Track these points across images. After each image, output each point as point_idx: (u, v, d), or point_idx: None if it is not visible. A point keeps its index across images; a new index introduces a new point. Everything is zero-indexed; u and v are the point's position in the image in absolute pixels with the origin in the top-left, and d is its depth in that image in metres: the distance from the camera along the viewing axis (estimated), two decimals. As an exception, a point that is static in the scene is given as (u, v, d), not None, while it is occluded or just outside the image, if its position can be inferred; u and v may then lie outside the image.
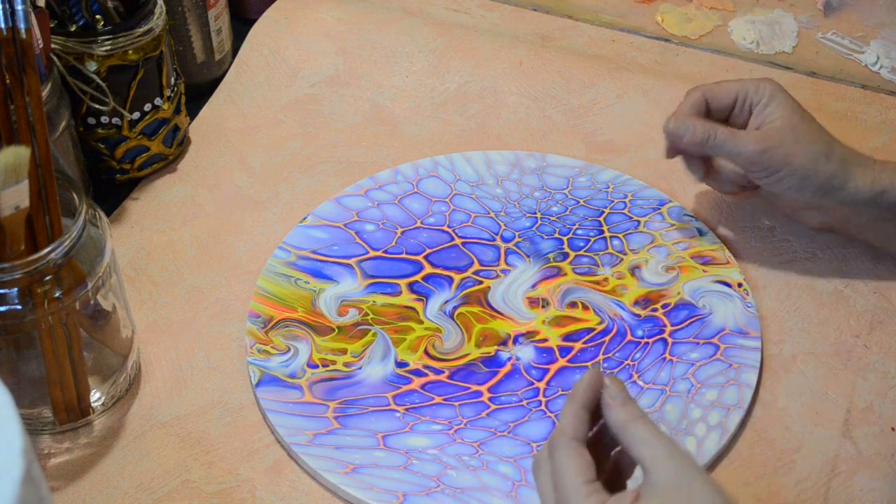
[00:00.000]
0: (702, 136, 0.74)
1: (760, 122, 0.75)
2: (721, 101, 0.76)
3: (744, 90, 0.76)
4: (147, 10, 0.81)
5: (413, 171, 0.86)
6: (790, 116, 0.74)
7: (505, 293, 0.77)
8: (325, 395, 0.71)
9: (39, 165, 0.64)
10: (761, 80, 0.76)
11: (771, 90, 0.75)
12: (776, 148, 0.73)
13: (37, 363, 0.67)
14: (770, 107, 0.75)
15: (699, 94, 0.76)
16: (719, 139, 0.74)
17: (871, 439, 0.69)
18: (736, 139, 0.74)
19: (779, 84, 0.76)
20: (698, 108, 0.76)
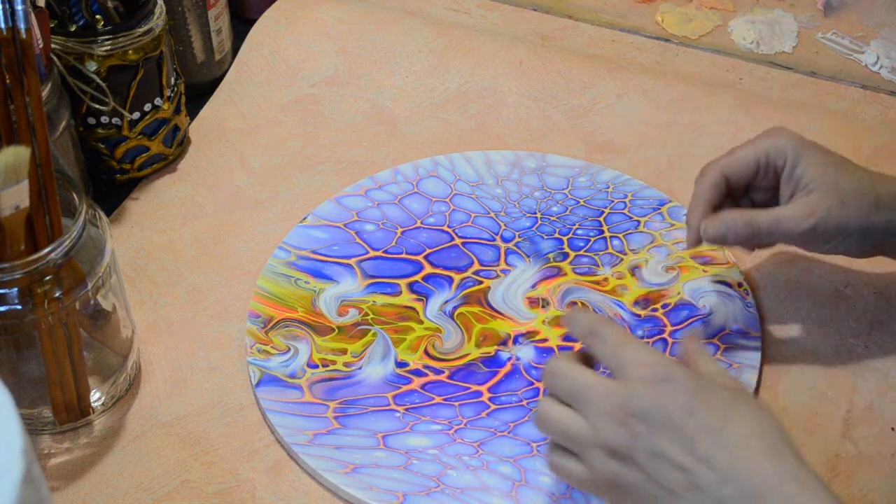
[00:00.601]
0: (745, 233, 0.68)
1: (793, 187, 0.69)
2: (741, 174, 0.70)
3: (763, 155, 0.70)
4: (147, 10, 0.81)
5: (413, 171, 0.86)
6: (825, 174, 0.68)
7: (505, 293, 0.77)
8: (325, 395, 0.71)
9: (39, 165, 0.64)
10: (775, 136, 0.70)
11: (792, 148, 0.69)
12: (825, 219, 0.67)
13: (37, 363, 0.67)
14: (799, 167, 0.69)
15: (717, 173, 0.70)
16: (764, 229, 0.68)
17: (871, 439, 0.69)
18: (782, 223, 0.68)
19: (795, 135, 0.70)
20: (719, 189, 0.70)
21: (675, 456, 0.56)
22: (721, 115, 0.89)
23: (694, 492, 0.55)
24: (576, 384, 0.59)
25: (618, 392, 0.57)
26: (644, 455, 0.56)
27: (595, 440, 0.58)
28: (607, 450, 0.57)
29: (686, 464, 0.55)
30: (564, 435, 0.59)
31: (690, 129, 0.89)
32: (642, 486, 0.57)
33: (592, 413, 0.58)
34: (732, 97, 0.90)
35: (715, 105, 0.89)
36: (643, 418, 0.56)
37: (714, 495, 0.55)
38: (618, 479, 0.58)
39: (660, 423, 0.56)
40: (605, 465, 0.58)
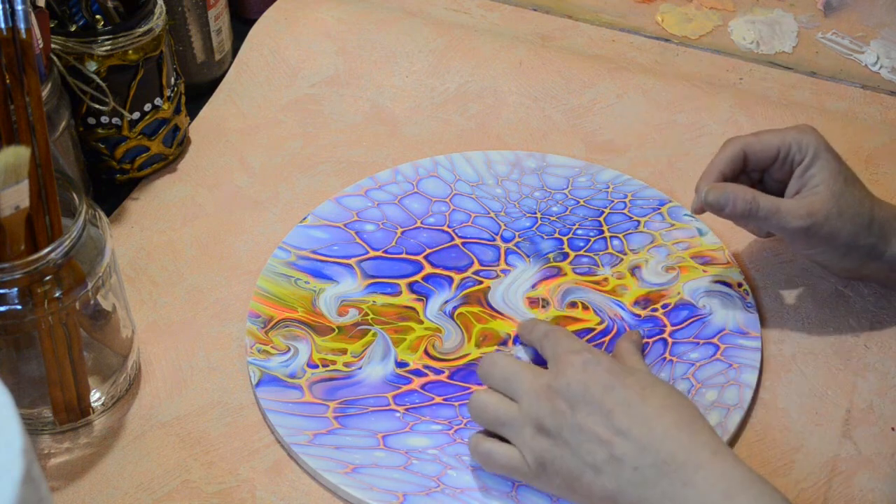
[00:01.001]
0: (743, 210, 0.71)
1: (801, 185, 0.72)
2: (761, 157, 0.73)
3: (786, 146, 0.72)
4: (147, 10, 0.81)
5: (413, 171, 0.86)
6: (833, 183, 0.71)
7: (505, 293, 0.77)
8: (325, 395, 0.71)
9: (39, 165, 0.64)
10: (803, 132, 0.73)
11: (814, 148, 0.72)
12: (821, 224, 0.70)
13: (37, 363, 0.67)
14: (813, 168, 0.71)
15: (738, 149, 0.73)
16: (762, 213, 0.71)
17: (871, 439, 0.69)
18: (779, 214, 0.71)
19: (821, 137, 0.72)
20: (735, 162, 0.73)
21: (595, 429, 0.60)
22: (721, 115, 0.89)
23: (614, 464, 0.59)
24: (508, 371, 0.64)
25: (546, 375, 0.63)
26: (568, 431, 0.61)
27: (525, 419, 0.62)
28: (536, 427, 0.62)
29: (605, 437, 0.60)
30: (497, 419, 0.64)
31: (690, 129, 0.89)
32: (568, 462, 0.61)
33: (523, 395, 0.63)
34: (732, 97, 0.90)
35: (715, 105, 0.90)
36: (567, 396, 0.61)
37: (632, 465, 0.59)
38: (546, 456, 0.62)
39: (582, 400, 0.61)
40: (534, 443, 0.62)
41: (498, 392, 0.65)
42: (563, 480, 0.61)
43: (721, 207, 0.72)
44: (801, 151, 0.72)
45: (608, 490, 0.60)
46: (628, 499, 0.59)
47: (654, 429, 0.59)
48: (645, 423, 0.59)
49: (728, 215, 0.72)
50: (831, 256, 0.72)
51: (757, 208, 0.71)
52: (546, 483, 0.63)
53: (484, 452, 0.64)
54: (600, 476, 0.60)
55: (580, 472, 0.60)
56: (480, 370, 0.66)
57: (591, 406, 0.60)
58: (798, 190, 0.72)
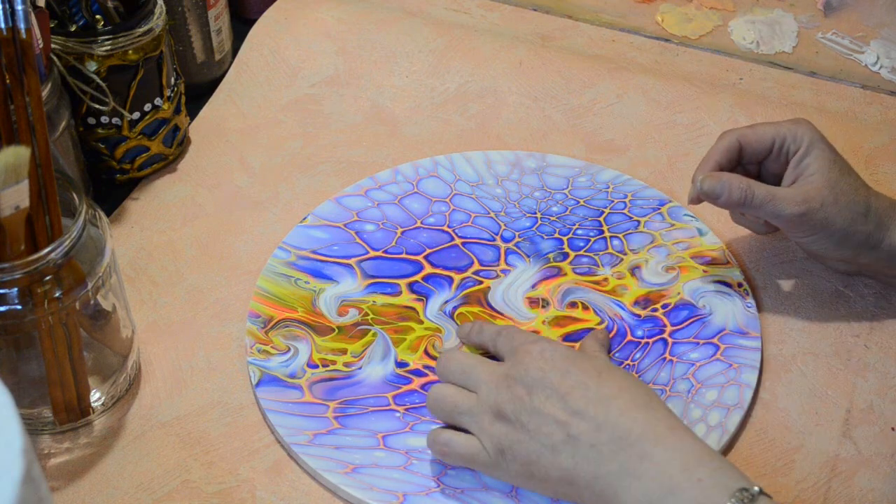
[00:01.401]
0: (738, 197, 0.71)
1: (797, 175, 0.73)
2: (756, 148, 0.74)
3: (780, 137, 0.73)
4: (147, 10, 0.81)
5: (413, 171, 0.86)
6: (828, 171, 0.71)
7: (505, 293, 0.77)
8: (325, 395, 0.71)
9: (39, 165, 0.64)
10: (798, 124, 0.73)
11: (809, 139, 0.72)
12: (816, 211, 0.71)
13: (37, 363, 0.67)
14: (808, 158, 0.72)
15: (733, 140, 0.74)
16: (757, 201, 0.71)
17: (871, 439, 0.69)
18: (775, 201, 0.71)
19: (815, 129, 0.73)
20: (731, 153, 0.74)
21: (552, 412, 0.61)
22: (721, 115, 0.89)
23: (570, 443, 0.60)
24: (465, 364, 0.65)
25: (504, 365, 0.64)
26: (526, 415, 0.61)
27: (483, 407, 0.63)
28: (494, 413, 0.63)
29: (562, 418, 0.60)
30: (456, 408, 0.65)
31: (690, 129, 0.89)
32: (526, 445, 0.61)
33: (481, 385, 0.64)
34: (732, 97, 0.90)
35: (715, 105, 0.90)
36: (524, 382, 0.62)
37: (588, 443, 0.60)
38: (504, 441, 0.62)
39: (539, 384, 0.62)
40: (493, 429, 0.63)
41: (455, 385, 0.66)
42: (522, 465, 0.62)
43: (717, 196, 0.72)
44: (795, 142, 0.73)
45: (565, 469, 0.60)
46: (585, 477, 0.59)
47: (610, 408, 0.60)
48: (601, 403, 0.60)
49: (724, 204, 0.73)
50: (827, 245, 0.73)
51: (752, 196, 0.71)
52: (505, 470, 0.63)
53: (443, 442, 0.65)
54: (558, 456, 0.60)
55: (538, 455, 0.61)
56: (438, 367, 0.67)
57: (547, 390, 0.61)
58: (794, 179, 0.73)
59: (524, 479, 0.62)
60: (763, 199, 0.71)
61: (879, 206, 0.72)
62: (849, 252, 0.73)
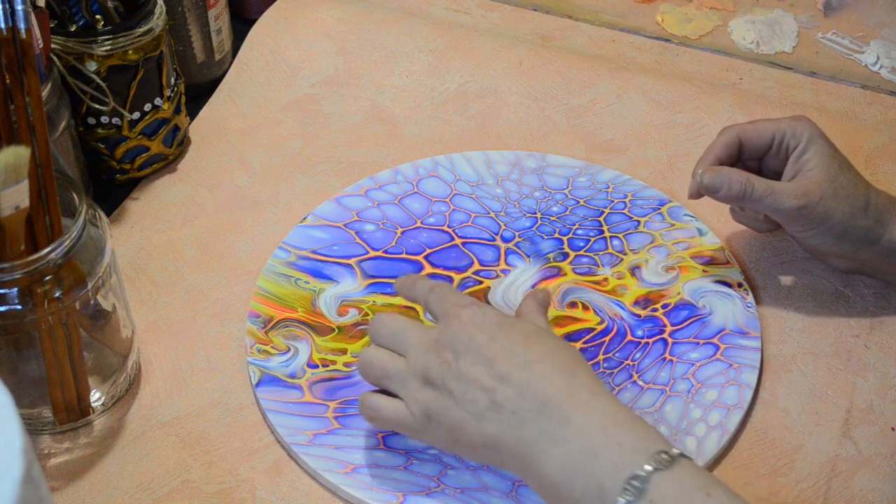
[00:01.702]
0: (738, 191, 0.72)
1: (797, 170, 0.73)
2: (756, 144, 0.74)
3: (780, 132, 0.74)
4: (147, 10, 0.81)
5: (413, 171, 0.86)
6: (828, 166, 0.72)
7: (505, 293, 0.77)
8: (325, 395, 0.71)
9: (39, 165, 0.64)
10: (797, 120, 0.74)
11: (808, 135, 0.73)
12: (815, 204, 0.71)
13: (37, 363, 0.67)
14: (807, 153, 0.73)
15: (733, 135, 0.74)
16: (757, 194, 0.72)
17: (871, 439, 0.69)
18: (775, 195, 0.72)
19: (815, 126, 0.74)
20: (731, 148, 0.74)
21: (477, 376, 0.60)
22: (721, 115, 0.89)
23: (494, 409, 0.59)
24: (396, 328, 0.64)
25: (434, 329, 0.63)
26: (453, 380, 0.61)
27: (411, 371, 0.62)
28: (422, 378, 0.62)
29: (487, 384, 0.60)
30: (385, 373, 0.63)
31: (690, 129, 0.89)
32: (452, 412, 0.61)
33: (410, 349, 0.63)
34: (732, 97, 0.90)
35: (715, 105, 0.90)
36: (453, 347, 0.61)
37: (511, 409, 0.59)
38: (431, 406, 0.61)
39: (466, 349, 0.61)
40: (420, 394, 0.62)
41: (386, 349, 0.64)
42: (447, 431, 0.61)
43: (716, 189, 0.73)
44: (795, 138, 0.73)
45: (489, 435, 0.60)
46: (508, 442, 0.59)
47: (533, 373, 0.59)
48: (525, 368, 0.60)
49: (723, 197, 0.73)
50: (827, 239, 0.73)
51: (752, 189, 0.72)
52: (431, 435, 0.62)
53: (371, 406, 0.64)
54: (482, 422, 0.60)
55: (463, 421, 0.60)
56: (370, 329, 0.65)
57: (475, 354, 0.61)
58: (794, 175, 0.73)
59: (450, 444, 0.62)
60: (762, 193, 0.72)
61: (879, 202, 0.72)
62: (848, 247, 0.73)
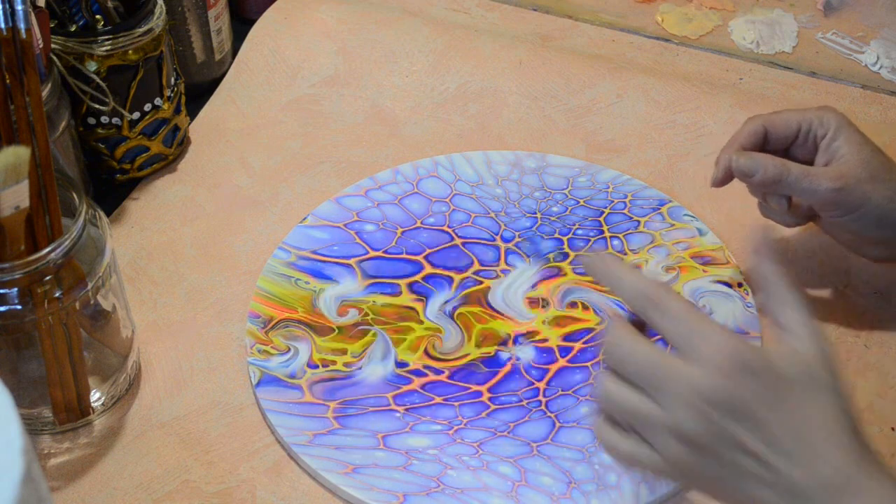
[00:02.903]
0: (774, 175, 0.70)
1: (829, 157, 0.71)
2: (781, 133, 0.73)
3: (807, 122, 0.72)
4: (147, 10, 0.81)
5: (413, 171, 0.86)
6: (860, 151, 0.70)
7: (505, 293, 0.77)
8: (325, 395, 0.71)
9: (39, 165, 0.64)
10: (823, 110, 0.73)
11: (837, 123, 0.72)
12: (853, 187, 0.69)
13: (37, 363, 0.67)
14: (837, 141, 0.71)
15: (759, 125, 0.73)
16: (793, 177, 0.70)
17: (871, 439, 0.69)
18: (811, 177, 0.70)
19: (842, 115, 0.73)
20: (756, 138, 0.73)
21: (754, 447, 0.54)
22: (721, 115, 0.89)
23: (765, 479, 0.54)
24: (644, 364, 0.56)
25: (692, 377, 0.55)
26: (721, 445, 0.55)
27: (668, 426, 0.55)
28: (680, 437, 0.55)
29: (764, 454, 0.54)
30: (633, 416, 0.57)
31: (690, 129, 0.89)
32: (714, 470, 0.55)
33: (665, 397, 0.55)
34: (732, 97, 0.90)
35: (715, 105, 0.90)
36: (722, 409, 0.54)
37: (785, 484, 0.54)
38: (691, 466, 0.56)
39: (740, 416, 0.54)
40: (676, 451, 0.55)
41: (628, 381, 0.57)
42: (703, 485, 0.57)
43: (752, 173, 0.71)
44: (823, 126, 0.72)
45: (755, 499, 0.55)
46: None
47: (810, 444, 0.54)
48: (800, 438, 0.54)
49: (759, 181, 0.71)
50: (865, 223, 0.71)
51: (788, 172, 0.70)
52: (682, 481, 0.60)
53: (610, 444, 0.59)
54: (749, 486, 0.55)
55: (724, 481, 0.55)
56: (609, 352, 0.57)
57: (749, 422, 0.54)
58: (826, 162, 0.71)
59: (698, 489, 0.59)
60: (799, 176, 0.70)
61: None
62: (889, 232, 0.71)
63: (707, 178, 0.85)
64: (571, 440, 0.69)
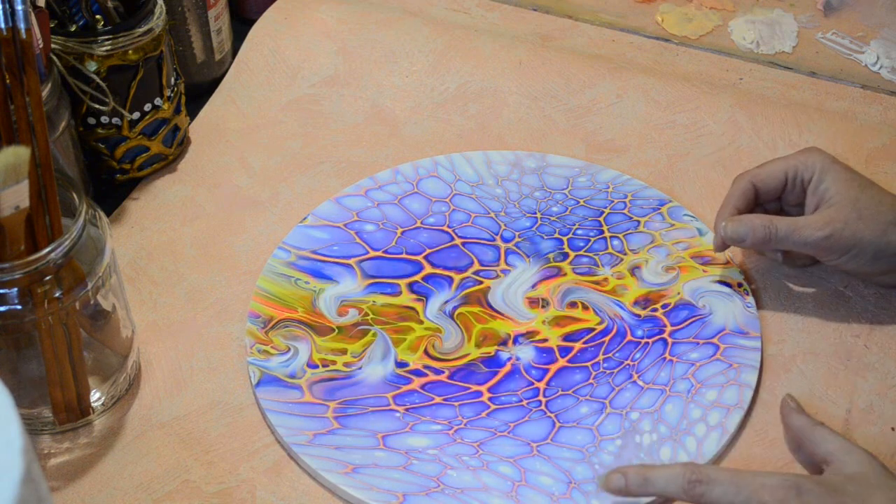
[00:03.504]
0: (763, 236, 0.73)
1: (818, 200, 0.73)
2: (770, 185, 0.75)
3: (792, 169, 0.74)
4: (147, 10, 0.81)
5: (413, 171, 0.86)
6: (847, 190, 0.72)
7: (505, 293, 0.77)
8: (325, 395, 0.71)
9: (39, 165, 0.64)
10: (807, 153, 0.74)
11: (821, 165, 0.73)
12: (841, 230, 0.71)
13: (37, 363, 0.67)
14: (825, 182, 0.73)
15: (746, 182, 0.75)
16: (781, 234, 0.72)
17: (871, 439, 0.69)
18: (798, 230, 0.72)
19: (826, 154, 0.74)
20: (747, 196, 0.75)
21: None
22: (721, 115, 0.89)
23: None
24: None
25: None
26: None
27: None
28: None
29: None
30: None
31: (690, 129, 0.89)
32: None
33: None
34: (732, 97, 0.90)
35: (715, 105, 0.90)
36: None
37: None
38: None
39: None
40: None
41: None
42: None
43: (742, 238, 0.73)
44: (808, 170, 0.73)
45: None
46: None
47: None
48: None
49: (750, 244, 0.74)
50: (862, 262, 0.72)
51: (776, 230, 0.72)
52: None
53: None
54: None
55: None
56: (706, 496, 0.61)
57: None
58: (816, 206, 0.73)
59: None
60: (787, 231, 0.72)
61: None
62: (887, 264, 0.73)
63: (707, 178, 0.86)
64: (571, 440, 0.69)
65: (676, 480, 0.62)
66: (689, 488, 0.61)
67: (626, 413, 0.70)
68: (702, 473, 0.61)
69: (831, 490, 0.60)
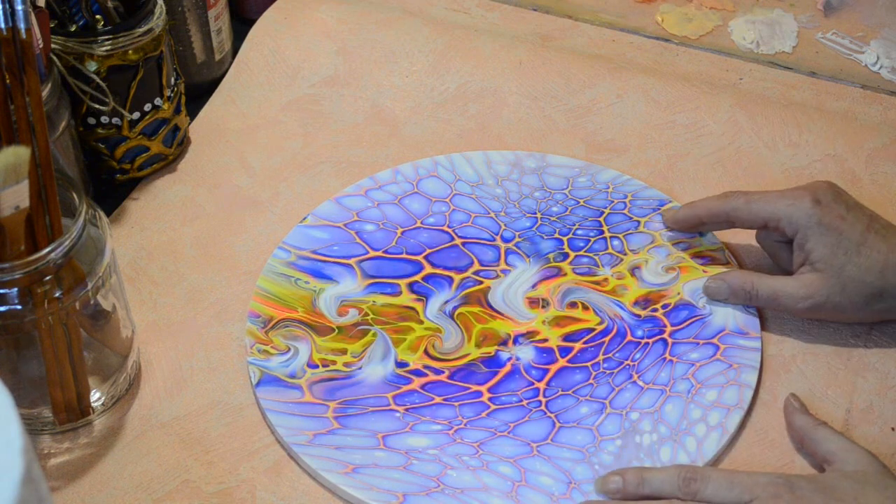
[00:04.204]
0: (743, 299, 0.74)
1: (804, 258, 0.72)
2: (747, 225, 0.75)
3: (774, 220, 0.73)
4: (147, 10, 0.81)
5: (413, 171, 0.86)
6: (831, 257, 0.70)
7: (505, 293, 0.77)
8: (325, 395, 0.71)
9: (39, 165, 0.64)
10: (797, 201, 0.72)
11: (806, 224, 0.71)
12: (823, 302, 0.71)
13: (37, 363, 0.67)
14: (809, 243, 0.71)
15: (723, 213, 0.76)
16: (762, 297, 0.73)
17: (871, 439, 0.69)
18: (779, 298, 0.72)
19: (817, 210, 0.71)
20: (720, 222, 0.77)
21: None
22: (721, 115, 0.89)
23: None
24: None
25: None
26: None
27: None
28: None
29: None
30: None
31: (690, 129, 0.89)
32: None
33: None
34: (732, 97, 0.90)
35: (715, 105, 0.90)
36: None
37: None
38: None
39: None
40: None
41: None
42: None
43: (721, 299, 0.75)
44: (791, 227, 0.72)
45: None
46: None
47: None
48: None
49: (730, 300, 0.75)
50: (847, 319, 0.73)
51: (756, 295, 0.73)
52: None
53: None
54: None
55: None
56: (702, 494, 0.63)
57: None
58: (802, 262, 0.73)
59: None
60: (768, 298, 0.73)
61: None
62: (878, 315, 0.73)
63: (707, 178, 0.86)
64: (571, 440, 0.69)
65: (672, 480, 0.64)
66: (684, 486, 0.63)
67: (626, 413, 0.70)
68: (696, 472, 0.64)
69: (824, 487, 0.61)
